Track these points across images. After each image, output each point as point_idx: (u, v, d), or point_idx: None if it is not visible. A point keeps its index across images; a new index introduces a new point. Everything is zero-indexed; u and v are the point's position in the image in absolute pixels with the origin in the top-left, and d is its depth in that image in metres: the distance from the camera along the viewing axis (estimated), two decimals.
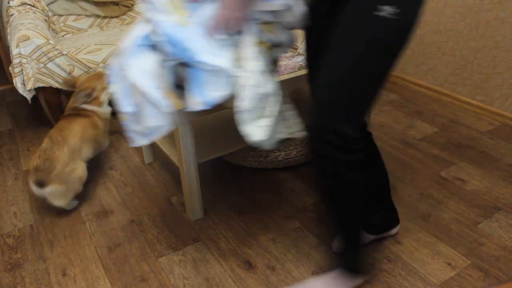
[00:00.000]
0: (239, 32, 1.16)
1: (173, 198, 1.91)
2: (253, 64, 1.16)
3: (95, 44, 2.48)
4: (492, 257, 1.53)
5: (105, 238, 1.70)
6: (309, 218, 1.76)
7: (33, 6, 2.60)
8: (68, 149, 1.77)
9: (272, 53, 1.27)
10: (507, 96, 2.35)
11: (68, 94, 2.41)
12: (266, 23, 1.19)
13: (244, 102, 1.16)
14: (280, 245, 1.63)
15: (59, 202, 1.77)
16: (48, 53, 2.24)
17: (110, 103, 2.11)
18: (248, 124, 1.20)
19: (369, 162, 1.40)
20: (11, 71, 2.24)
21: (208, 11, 1.13)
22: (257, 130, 1.21)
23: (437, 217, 1.73)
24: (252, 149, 1.98)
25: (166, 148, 1.82)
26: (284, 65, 1.88)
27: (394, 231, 1.62)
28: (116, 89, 1.23)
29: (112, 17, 2.97)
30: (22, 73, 2.24)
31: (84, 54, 2.37)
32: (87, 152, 1.90)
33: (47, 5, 2.82)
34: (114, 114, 2.69)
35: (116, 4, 2.94)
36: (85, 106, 1.98)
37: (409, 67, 2.87)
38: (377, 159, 1.44)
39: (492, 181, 1.93)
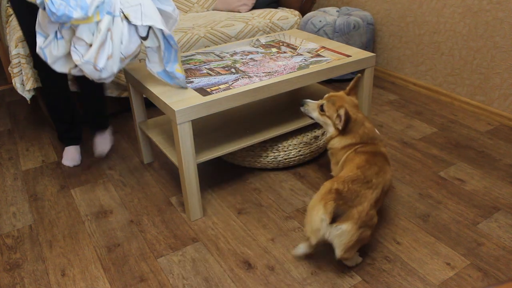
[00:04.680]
0: None
1: (172, 198, 1.91)
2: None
3: None
4: (491, 257, 1.53)
5: (104, 238, 1.70)
6: None
7: None
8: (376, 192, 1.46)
9: None
10: (506, 96, 2.36)
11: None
12: None
13: None
14: (279, 245, 1.63)
15: (344, 251, 1.39)
16: None
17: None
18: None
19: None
20: (10, 71, 2.24)
21: None
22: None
23: (436, 217, 1.73)
24: (252, 149, 1.98)
25: (165, 148, 1.82)
26: (283, 65, 1.88)
27: None
28: None
29: None
30: (21, 73, 2.24)
31: None
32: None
33: None
34: (113, 114, 2.69)
35: None
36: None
37: (408, 67, 2.87)
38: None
39: (491, 181, 1.93)
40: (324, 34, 2.78)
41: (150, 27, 1.58)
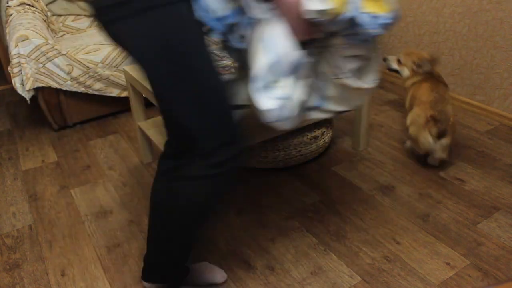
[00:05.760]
0: None
1: None
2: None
3: (94, 44, 2.48)
4: (491, 257, 1.53)
5: (104, 239, 1.70)
6: (308, 218, 1.76)
7: (32, 6, 2.60)
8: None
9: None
10: (506, 96, 2.36)
11: (68, 94, 2.41)
12: None
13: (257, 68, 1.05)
14: (279, 245, 1.63)
15: (443, 156, 1.95)
16: (47, 53, 2.23)
17: None
18: (258, 92, 1.05)
19: None
20: (10, 71, 2.24)
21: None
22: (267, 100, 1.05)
23: (436, 217, 1.73)
24: (252, 149, 1.98)
25: None
26: None
27: None
28: None
29: None
30: (21, 73, 2.24)
31: (83, 54, 2.37)
32: None
33: (46, 5, 2.82)
34: (113, 114, 2.69)
35: None
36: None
37: None
38: None
39: (491, 181, 1.93)
40: None
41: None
